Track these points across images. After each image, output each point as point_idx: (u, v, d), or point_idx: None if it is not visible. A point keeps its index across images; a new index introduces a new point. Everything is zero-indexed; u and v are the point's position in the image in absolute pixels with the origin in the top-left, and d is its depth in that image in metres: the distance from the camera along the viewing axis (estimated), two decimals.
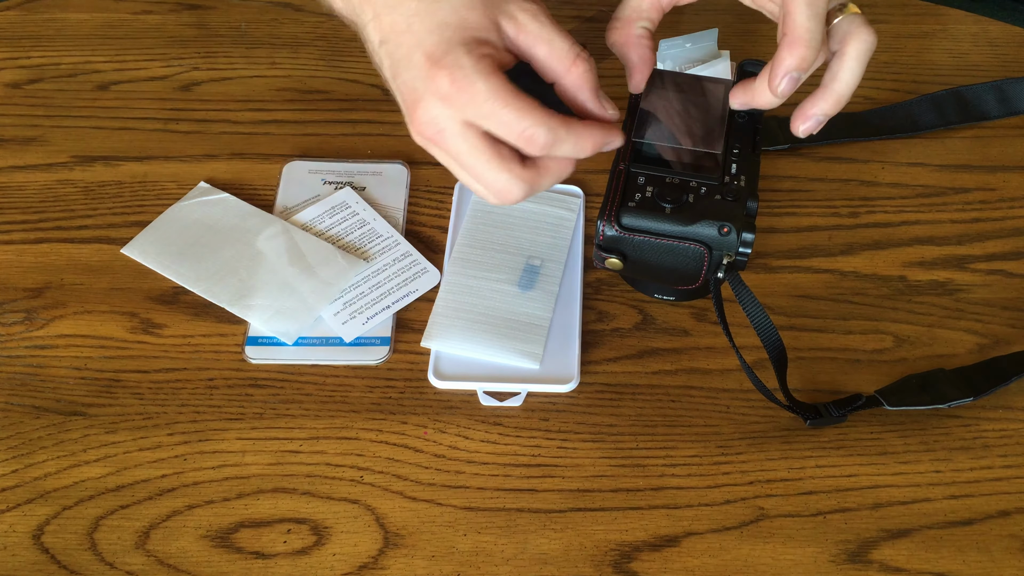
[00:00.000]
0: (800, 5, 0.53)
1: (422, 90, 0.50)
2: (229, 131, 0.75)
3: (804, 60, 0.53)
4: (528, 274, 0.66)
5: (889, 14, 0.84)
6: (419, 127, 0.51)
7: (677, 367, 0.63)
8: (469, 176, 0.53)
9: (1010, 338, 0.64)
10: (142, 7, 0.84)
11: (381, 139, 0.74)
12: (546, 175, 0.53)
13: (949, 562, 0.55)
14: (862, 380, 0.62)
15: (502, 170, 0.51)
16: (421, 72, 0.50)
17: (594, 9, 0.83)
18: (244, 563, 0.55)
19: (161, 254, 0.67)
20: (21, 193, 0.71)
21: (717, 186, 0.59)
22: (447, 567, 0.55)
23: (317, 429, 0.60)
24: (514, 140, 0.50)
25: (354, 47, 0.81)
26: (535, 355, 0.62)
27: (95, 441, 0.59)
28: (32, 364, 0.62)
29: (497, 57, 0.51)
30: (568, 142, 0.51)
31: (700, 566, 0.55)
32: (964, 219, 0.70)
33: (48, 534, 0.56)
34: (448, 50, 0.50)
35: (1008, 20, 0.84)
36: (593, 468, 0.58)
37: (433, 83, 0.50)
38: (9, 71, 0.79)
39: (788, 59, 0.53)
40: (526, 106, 0.50)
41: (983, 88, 0.76)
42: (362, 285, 0.66)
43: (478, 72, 0.49)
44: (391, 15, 0.52)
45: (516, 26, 0.52)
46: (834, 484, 0.58)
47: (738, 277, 0.58)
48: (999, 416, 0.61)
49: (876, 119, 0.75)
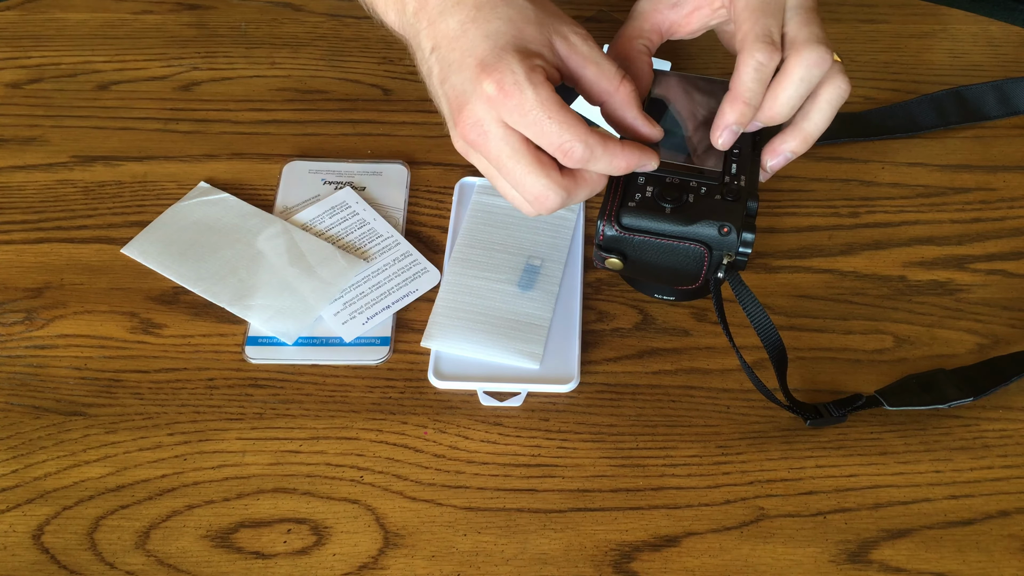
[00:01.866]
0: (748, 67, 0.56)
1: (470, 92, 0.52)
2: (229, 131, 0.75)
3: (743, 116, 0.57)
4: (528, 274, 0.66)
5: (889, 14, 0.84)
6: (463, 129, 0.52)
7: (677, 367, 0.63)
8: (507, 182, 0.54)
9: (1010, 338, 0.64)
10: (142, 7, 0.84)
11: (381, 139, 0.74)
12: (583, 186, 0.55)
13: (949, 562, 0.55)
14: (862, 380, 0.62)
15: (541, 175, 0.53)
16: (471, 75, 0.52)
17: (594, 9, 0.83)
18: (244, 563, 0.55)
19: (161, 254, 0.67)
20: (21, 193, 0.71)
21: (717, 186, 0.59)
22: (447, 567, 0.55)
23: (317, 429, 0.60)
24: (553, 151, 0.52)
25: (354, 47, 0.81)
26: (535, 355, 0.62)
27: (95, 441, 0.59)
28: (32, 364, 0.62)
29: (547, 71, 0.52)
30: (603, 160, 0.53)
31: (700, 566, 0.55)
32: (964, 219, 0.70)
33: (48, 534, 0.56)
34: (501, 56, 0.51)
35: (1008, 20, 0.84)
36: (593, 468, 0.58)
37: (481, 86, 0.51)
38: (9, 71, 0.79)
39: (729, 114, 0.57)
40: (570, 120, 0.51)
41: (983, 88, 0.76)
42: (362, 285, 0.66)
43: (528, 80, 0.51)
44: (446, 21, 0.53)
45: (568, 47, 0.54)
46: (834, 484, 0.58)
47: (738, 277, 0.58)
48: (999, 416, 0.61)
49: (876, 119, 0.75)
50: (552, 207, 0.54)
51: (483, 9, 0.52)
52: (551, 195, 0.54)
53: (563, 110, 0.51)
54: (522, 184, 0.53)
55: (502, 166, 0.53)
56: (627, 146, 0.54)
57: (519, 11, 0.53)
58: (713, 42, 0.64)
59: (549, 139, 0.52)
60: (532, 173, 0.53)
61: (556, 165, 0.54)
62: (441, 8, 0.54)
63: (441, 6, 0.54)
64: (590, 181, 0.55)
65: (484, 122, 0.52)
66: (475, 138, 0.52)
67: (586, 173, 0.55)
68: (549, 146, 0.52)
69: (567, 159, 0.52)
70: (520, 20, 0.53)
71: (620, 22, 0.63)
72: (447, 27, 0.53)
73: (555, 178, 0.53)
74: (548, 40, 0.53)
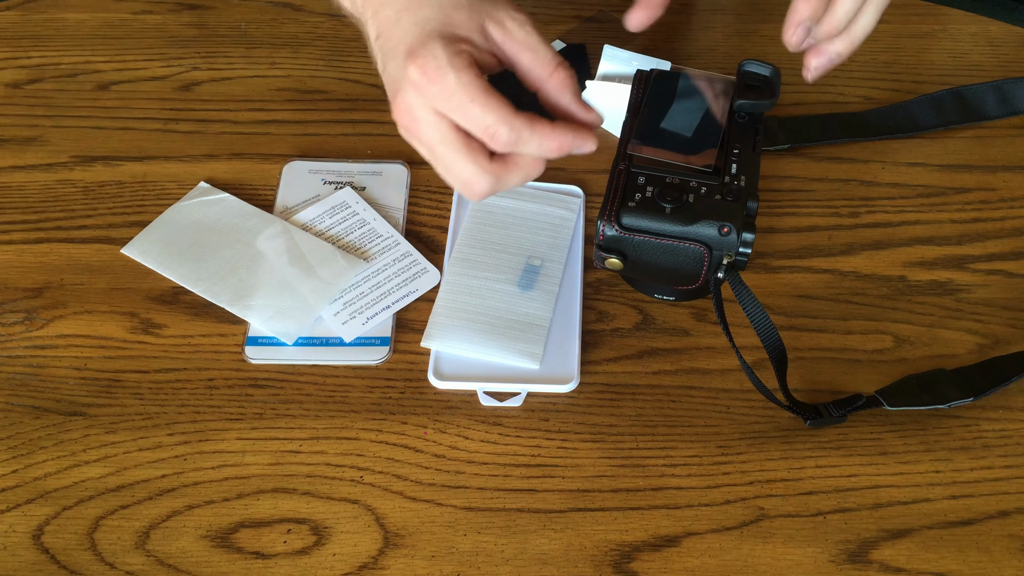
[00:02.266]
0: None
1: (400, 80, 0.52)
2: (229, 131, 0.75)
3: (817, 9, 0.58)
4: (528, 274, 0.66)
5: (889, 14, 0.83)
6: (398, 115, 0.53)
7: (677, 367, 0.63)
8: (441, 166, 0.54)
9: (1010, 338, 0.64)
10: (142, 7, 0.84)
11: (381, 139, 0.74)
12: (514, 171, 0.54)
13: (949, 562, 0.55)
14: (862, 380, 0.62)
15: (469, 161, 0.52)
16: (401, 62, 0.52)
17: (594, 9, 0.83)
18: (244, 563, 0.55)
19: (161, 254, 0.67)
20: (21, 193, 0.71)
21: (717, 186, 0.59)
22: (447, 567, 0.55)
23: (317, 429, 0.60)
24: (479, 134, 0.52)
25: (354, 47, 0.81)
26: (535, 355, 0.62)
27: (95, 441, 0.59)
28: (32, 364, 0.62)
29: (476, 56, 0.52)
30: (532, 142, 0.52)
31: (700, 566, 0.55)
32: (964, 219, 0.70)
33: (48, 534, 0.56)
34: (425, 42, 0.51)
35: (1008, 20, 0.84)
36: (593, 468, 0.58)
37: (408, 72, 0.51)
38: (9, 71, 0.79)
39: (803, 8, 0.58)
40: (493, 103, 0.51)
41: (983, 88, 0.76)
42: (362, 285, 0.66)
43: (451, 64, 0.50)
44: (385, 11, 0.54)
45: (503, 32, 0.54)
46: (834, 484, 0.58)
47: (738, 277, 0.58)
48: (999, 416, 0.61)
49: (876, 119, 0.75)
50: (482, 192, 0.54)
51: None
52: (480, 180, 0.53)
53: (486, 93, 0.51)
54: (452, 169, 0.53)
55: (433, 151, 0.53)
56: (558, 127, 0.53)
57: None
58: (713, 42, 0.64)
59: (474, 122, 0.51)
60: (460, 159, 0.52)
61: (486, 151, 0.53)
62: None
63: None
64: (523, 166, 0.54)
65: (414, 108, 0.52)
66: (407, 124, 0.53)
67: (518, 158, 0.54)
68: (476, 130, 0.51)
69: (494, 142, 0.52)
70: (449, 7, 0.53)
71: (620, 22, 0.63)
72: (385, 16, 0.53)
73: (483, 163, 0.53)
74: (480, 25, 0.53)
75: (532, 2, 0.84)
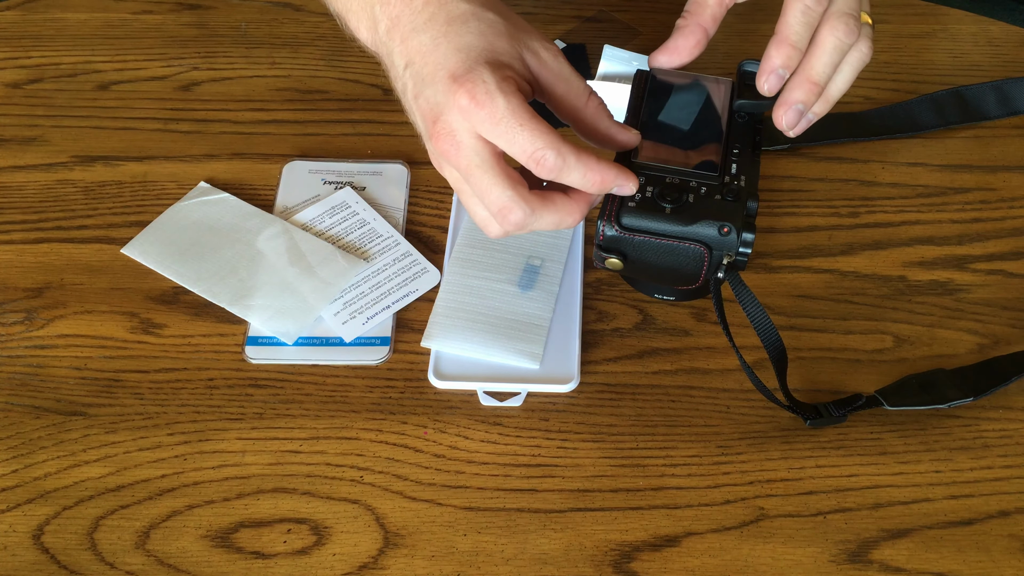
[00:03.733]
0: (795, 9, 0.57)
1: (443, 104, 0.52)
2: (229, 131, 0.75)
3: (790, 59, 0.58)
4: (528, 274, 0.66)
5: (889, 14, 0.84)
6: (437, 140, 0.52)
7: (677, 367, 0.63)
8: (474, 193, 0.54)
9: (1010, 338, 0.64)
10: (142, 7, 0.84)
11: (381, 139, 0.74)
12: (550, 209, 0.54)
13: (949, 562, 0.55)
14: (862, 380, 0.62)
15: (507, 187, 0.53)
16: (444, 87, 0.52)
17: (594, 9, 0.83)
18: (244, 563, 0.55)
19: (161, 254, 0.67)
20: (21, 193, 0.71)
21: (717, 186, 0.59)
22: (447, 567, 0.55)
23: (317, 429, 0.60)
24: (525, 160, 0.52)
25: (354, 47, 0.81)
26: (535, 355, 0.62)
27: (95, 441, 0.59)
28: (32, 364, 0.62)
29: (518, 83, 0.53)
30: (578, 170, 0.53)
31: (700, 566, 0.55)
32: (964, 219, 0.70)
33: (48, 534, 0.56)
34: (472, 68, 0.51)
35: (1008, 20, 0.84)
36: (593, 468, 0.58)
37: (454, 97, 0.51)
38: (9, 71, 0.79)
39: (775, 57, 0.58)
40: (541, 128, 0.51)
41: (983, 88, 0.76)
42: (362, 285, 0.66)
43: (500, 90, 0.51)
44: (418, 37, 0.53)
45: (539, 62, 0.54)
46: (834, 484, 0.58)
47: (738, 277, 0.58)
48: (999, 416, 0.61)
49: (876, 119, 0.75)
50: (515, 222, 0.53)
51: (454, 24, 0.53)
52: (515, 208, 0.53)
53: (534, 119, 0.51)
54: (488, 194, 0.53)
55: (470, 175, 0.53)
56: (603, 162, 0.54)
57: (490, 25, 0.53)
58: (713, 42, 0.63)
59: (521, 147, 0.51)
60: (499, 184, 0.52)
61: (525, 183, 0.53)
62: (413, 26, 0.53)
63: (413, 23, 0.54)
64: (559, 208, 0.54)
65: (457, 133, 0.52)
66: (447, 148, 0.52)
67: (556, 198, 0.54)
68: (521, 155, 0.52)
69: (540, 168, 0.52)
70: (491, 34, 0.53)
71: (620, 22, 0.63)
72: (420, 43, 0.53)
73: (522, 192, 0.53)
74: (519, 54, 0.54)
75: (532, 2, 0.84)
